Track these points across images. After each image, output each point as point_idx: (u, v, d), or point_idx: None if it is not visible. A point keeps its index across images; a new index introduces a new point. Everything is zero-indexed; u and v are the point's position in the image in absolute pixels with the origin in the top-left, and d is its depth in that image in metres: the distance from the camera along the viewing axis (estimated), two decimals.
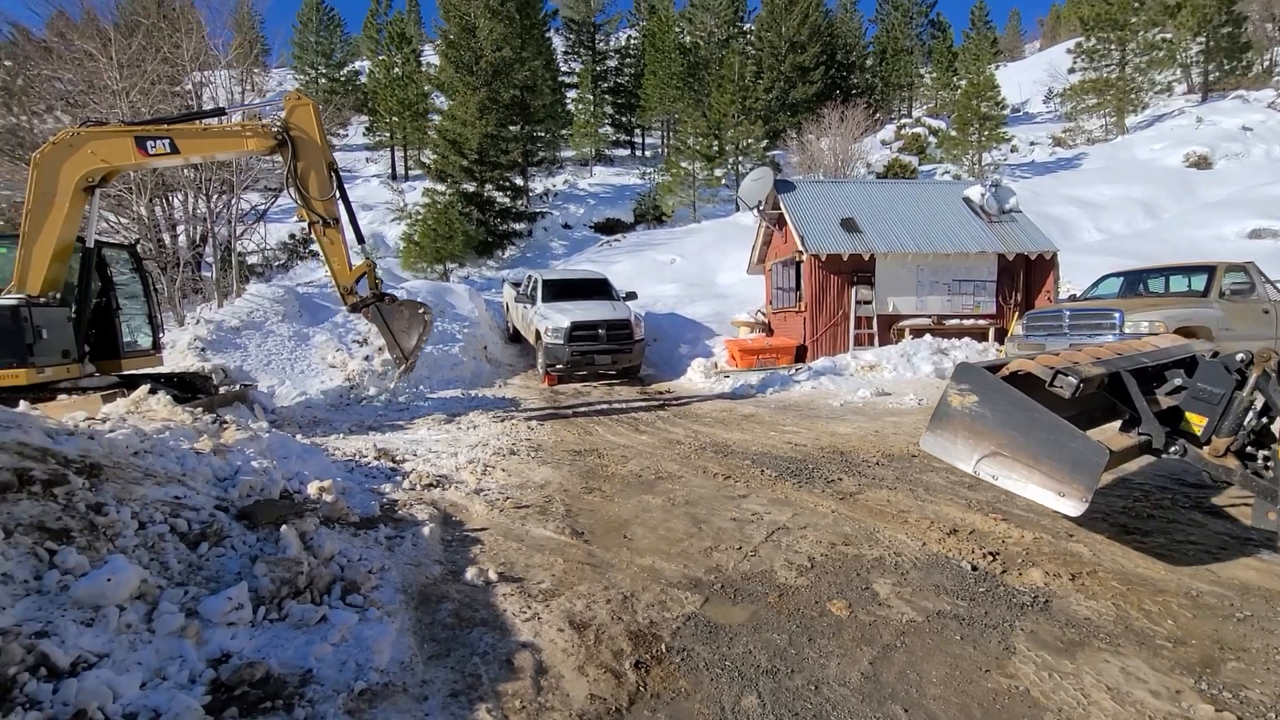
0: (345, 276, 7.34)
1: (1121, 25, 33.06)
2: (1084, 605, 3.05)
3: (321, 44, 44.43)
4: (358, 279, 7.45)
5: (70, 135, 6.87)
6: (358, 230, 7.57)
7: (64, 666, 1.96)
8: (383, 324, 7.62)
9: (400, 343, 7.69)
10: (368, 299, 7.49)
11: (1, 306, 6.29)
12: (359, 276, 7.46)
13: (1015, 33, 68.31)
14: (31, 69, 16.31)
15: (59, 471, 2.78)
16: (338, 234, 7.24)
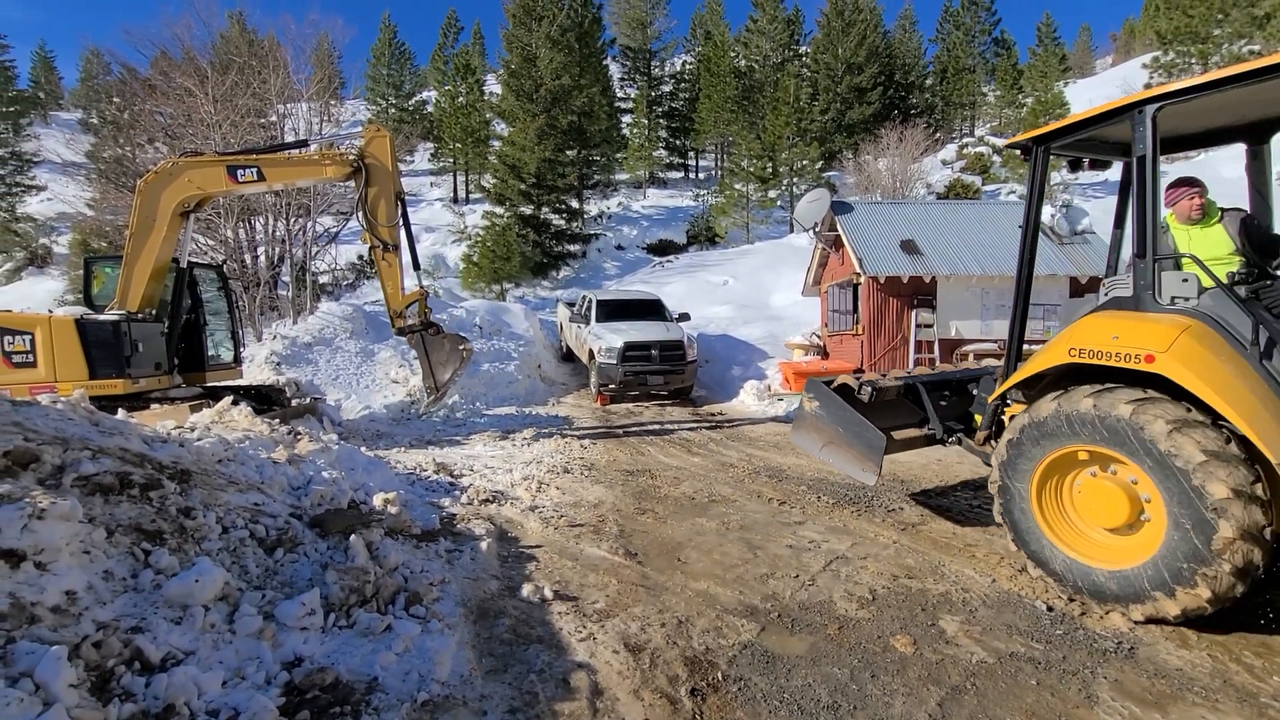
0: (397, 301, 7.67)
1: (1204, 38, 31.40)
2: (1175, 655, 2.83)
3: (392, 76, 46.95)
4: (408, 305, 7.76)
5: (170, 165, 7.47)
6: (415, 257, 7.90)
7: (155, 662, 2.09)
8: (423, 352, 7.88)
9: (435, 373, 7.92)
10: (414, 326, 7.78)
11: (104, 322, 6.85)
12: (410, 303, 7.77)
13: (1085, 49, 65.78)
14: (137, 104, 17.84)
15: (154, 476, 2.98)
16: (396, 260, 7.60)
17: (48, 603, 2.05)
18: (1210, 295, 3.16)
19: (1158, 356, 3.04)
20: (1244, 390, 2.87)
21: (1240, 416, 2.80)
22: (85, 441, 3.06)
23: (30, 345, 6.58)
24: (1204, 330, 3.07)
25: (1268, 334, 2.94)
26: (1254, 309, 3.05)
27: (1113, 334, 3.28)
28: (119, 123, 19.34)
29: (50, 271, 30.94)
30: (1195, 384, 2.92)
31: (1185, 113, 3.41)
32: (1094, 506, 3.32)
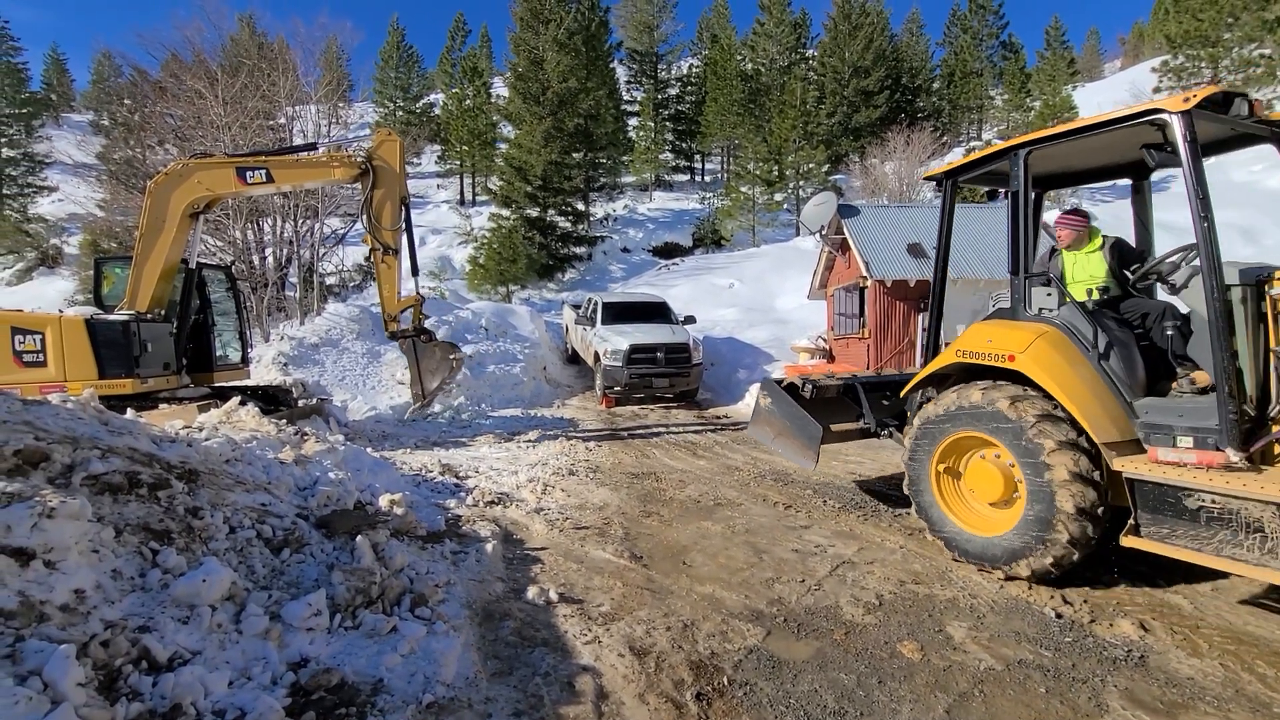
0: (392, 305, 7.71)
1: (1214, 42, 31.22)
2: (1186, 663, 2.80)
3: (400, 79, 47.20)
4: (403, 310, 7.78)
5: (180, 166, 7.53)
6: (415, 263, 7.93)
7: (163, 661, 2.10)
8: (413, 358, 7.90)
9: (424, 381, 7.94)
10: (407, 331, 7.80)
11: (114, 322, 6.90)
12: (405, 308, 7.79)
13: (1094, 52, 65.47)
14: (148, 106, 18.00)
15: (162, 476, 3.00)
16: (395, 264, 7.64)
17: (56, 601, 2.05)
18: (1067, 308, 3.78)
19: (1017, 356, 3.68)
20: (1080, 384, 3.51)
21: (1072, 403, 3.42)
22: (95, 441, 3.07)
23: (41, 345, 6.63)
24: (1058, 336, 3.70)
25: (1106, 339, 3.57)
26: (1099, 319, 3.63)
27: (988, 338, 3.93)
28: (130, 124, 19.51)
29: (61, 272, 31.23)
30: (1041, 377, 3.56)
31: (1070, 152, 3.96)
32: (979, 484, 3.90)
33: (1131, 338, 3.67)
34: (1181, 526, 3.10)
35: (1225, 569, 2.95)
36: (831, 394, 5.25)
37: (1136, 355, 3.59)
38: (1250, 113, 3.19)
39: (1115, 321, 3.72)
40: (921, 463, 4.14)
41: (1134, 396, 3.48)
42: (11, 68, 43.76)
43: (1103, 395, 3.48)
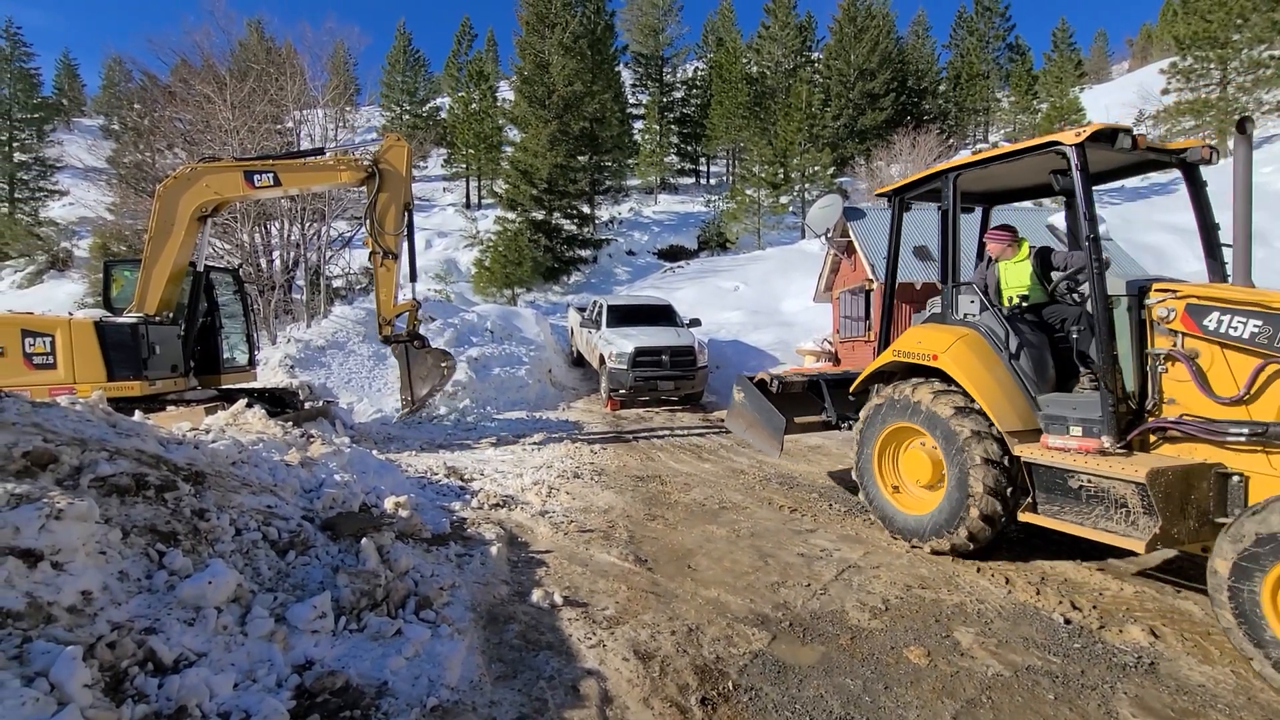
0: (388, 310, 7.72)
1: (1223, 43, 31.03)
2: (1197, 670, 2.77)
3: (407, 83, 47.45)
4: (398, 314, 7.79)
5: (189, 170, 7.58)
6: (414, 269, 7.94)
7: (168, 663, 2.10)
8: (405, 364, 7.89)
9: (414, 387, 7.92)
10: (401, 336, 7.80)
11: (122, 324, 6.94)
12: (400, 313, 7.80)
13: (1101, 54, 65.23)
14: (157, 111, 18.15)
15: (169, 478, 3.01)
16: (394, 268, 7.65)
17: (64, 602, 2.06)
18: (988, 313, 4.22)
19: (940, 356, 4.16)
20: (992, 380, 3.96)
21: (983, 397, 3.90)
22: (103, 443, 3.09)
23: (50, 347, 6.68)
24: (976, 338, 4.16)
25: (1018, 341, 4.00)
26: (1014, 324, 4.08)
27: (919, 340, 4.42)
28: (139, 129, 19.68)
29: (71, 275, 31.49)
30: (959, 374, 4.03)
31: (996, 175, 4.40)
32: (912, 469, 4.43)
33: (1045, 340, 4.08)
34: (1068, 504, 3.56)
35: (1099, 539, 3.38)
36: (797, 389, 5.79)
37: (1047, 356, 4.03)
38: (1133, 145, 3.58)
39: (1031, 326, 4.14)
40: (866, 451, 4.68)
41: (1039, 392, 3.92)
42: (24, 73, 44.23)
43: (1011, 391, 3.95)
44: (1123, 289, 3.53)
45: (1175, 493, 3.09)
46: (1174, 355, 3.33)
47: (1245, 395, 3.08)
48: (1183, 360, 3.29)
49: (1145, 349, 3.47)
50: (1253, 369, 3.05)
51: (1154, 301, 3.41)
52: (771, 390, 5.63)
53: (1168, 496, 3.06)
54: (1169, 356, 3.36)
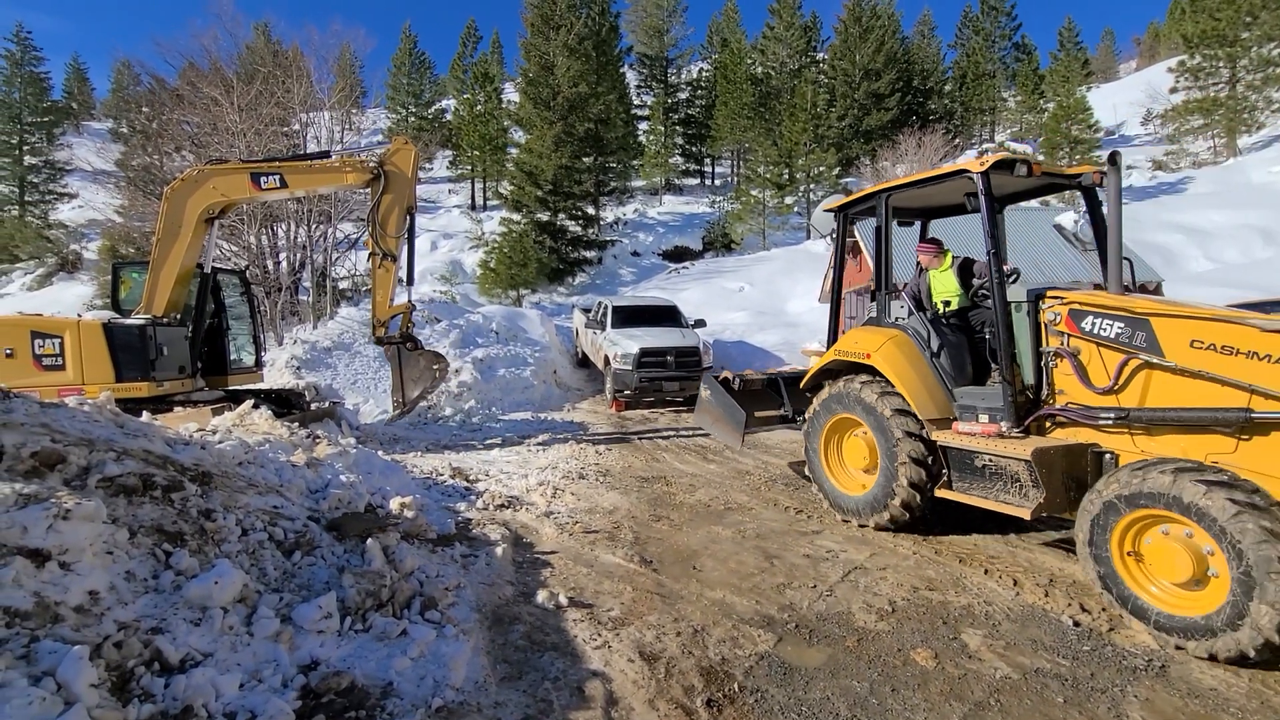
0: (383, 311, 7.71)
1: (1231, 41, 30.81)
2: (1208, 674, 2.74)
3: (412, 85, 47.62)
4: (393, 316, 7.78)
5: (196, 172, 7.62)
6: (411, 272, 7.94)
7: (175, 663, 2.11)
8: (397, 365, 7.87)
9: (405, 390, 7.90)
10: (394, 338, 7.79)
11: (130, 326, 6.98)
12: (395, 315, 7.79)
13: (1108, 53, 64.91)
14: (165, 114, 18.27)
15: (176, 479, 3.02)
16: (393, 269, 7.66)
17: (71, 602, 2.07)
18: (915, 317, 4.82)
19: (872, 354, 4.70)
20: (915, 375, 4.51)
21: (907, 390, 4.44)
22: (110, 443, 3.10)
23: (59, 349, 6.73)
24: (904, 339, 4.71)
25: (939, 341, 4.55)
26: (937, 326, 4.65)
27: (856, 340, 4.96)
28: (148, 132, 19.81)
29: (80, 277, 31.73)
30: (887, 370, 4.57)
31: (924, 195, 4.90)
32: (853, 455, 4.95)
33: (964, 341, 4.61)
34: (975, 480, 4.08)
35: (997, 509, 3.92)
36: (757, 387, 6.33)
37: (965, 354, 4.56)
38: (1029, 172, 4.09)
39: (952, 328, 4.69)
40: (814, 440, 5.19)
41: (956, 385, 4.46)
42: (34, 77, 44.62)
43: (931, 384, 4.51)
44: (1024, 296, 4.09)
45: (1056, 468, 3.60)
46: (1061, 353, 3.88)
47: (1114, 386, 3.62)
48: (1067, 357, 3.84)
49: (1040, 347, 4.01)
50: (1118, 363, 3.59)
51: (1045, 307, 3.96)
52: (734, 388, 6.13)
53: (1050, 471, 3.57)
54: (1057, 354, 3.90)
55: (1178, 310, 3.49)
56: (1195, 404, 3.31)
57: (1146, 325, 3.50)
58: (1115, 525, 3.12)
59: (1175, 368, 3.37)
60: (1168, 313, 3.48)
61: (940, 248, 5.07)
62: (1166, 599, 3.00)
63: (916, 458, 4.30)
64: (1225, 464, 3.05)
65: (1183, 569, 2.90)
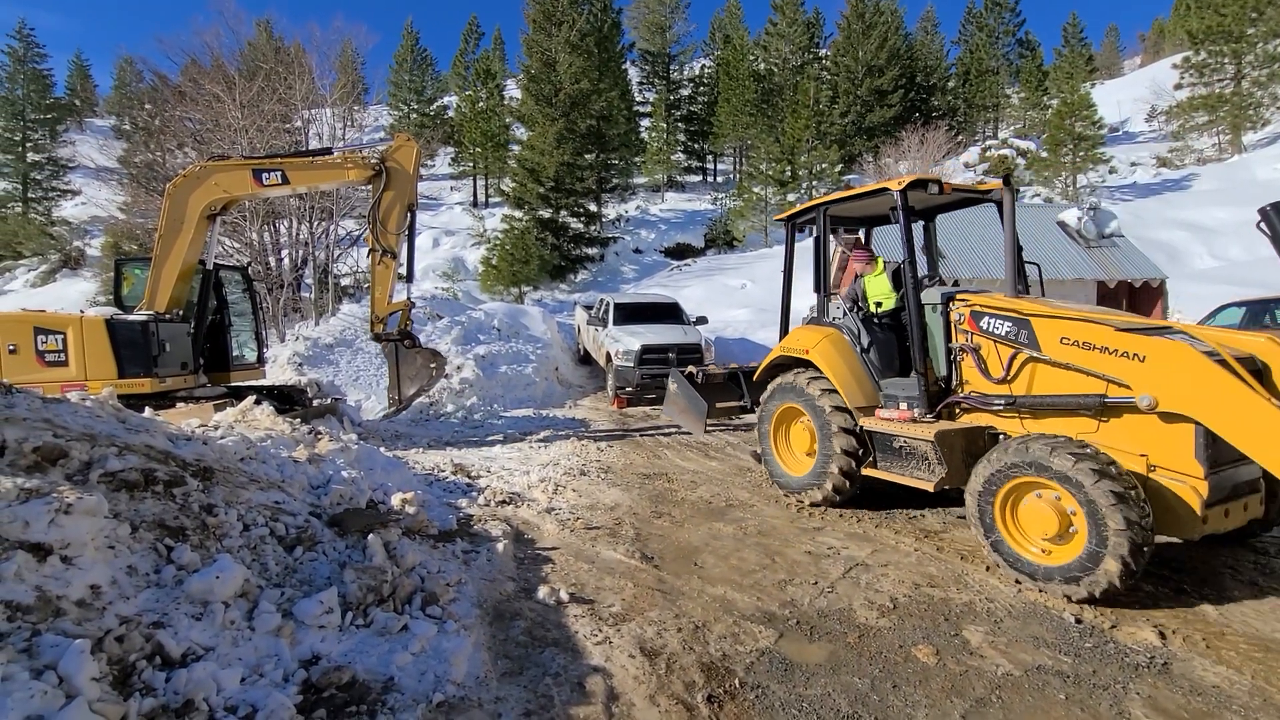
0: (381, 307, 7.70)
1: (1237, 37, 30.63)
2: (1212, 671, 2.73)
3: (414, 81, 47.56)
4: (391, 313, 7.78)
5: (198, 168, 7.62)
6: (411, 270, 7.93)
7: (176, 657, 2.11)
8: (394, 363, 7.86)
9: (401, 387, 7.89)
10: (392, 335, 7.78)
11: (133, 322, 6.99)
12: (393, 312, 7.79)
13: (1113, 49, 64.57)
14: (168, 111, 18.27)
15: (178, 474, 3.03)
16: (392, 266, 7.65)
17: (73, 596, 2.08)
18: (849, 316, 5.36)
19: (810, 350, 5.27)
20: (847, 369, 5.06)
21: (839, 382, 5.00)
22: (112, 438, 3.11)
23: (62, 345, 6.74)
24: (838, 336, 5.27)
25: (869, 338, 5.08)
26: (868, 325, 5.17)
27: (798, 338, 5.52)
28: (150, 129, 19.82)
29: (83, 273, 31.78)
30: (822, 364, 5.14)
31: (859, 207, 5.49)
32: (797, 440, 5.54)
33: (892, 338, 5.08)
34: (894, 460, 4.64)
35: (910, 484, 4.45)
36: (719, 380, 7.01)
37: (891, 350, 5.06)
38: (940, 191, 4.71)
39: (882, 326, 5.19)
40: (765, 426, 5.76)
41: (882, 377, 5.00)
42: (37, 74, 44.65)
43: (860, 376, 5.05)
44: (938, 298, 4.59)
45: (957, 447, 4.18)
46: (965, 348, 4.42)
47: (1006, 376, 4.17)
48: (970, 352, 4.39)
49: (949, 343, 4.53)
50: (1009, 357, 4.15)
51: (953, 308, 4.50)
52: (697, 381, 6.83)
53: (951, 450, 4.15)
54: (963, 349, 4.45)
55: (1053, 311, 4.03)
56: (1066, 391, 3.86)
57: (1028, 324, 4.04)
58: (999, 490, 3.67)
59: (1050, 360, 3.94)
60: (1045, 313, 4.02)
61: (872, 255, 5.61)
62: (1036, 551, 3.58)
63: (846, 442, 4.87)
64: (1089, 441, 3.59)
65: (1050, 526, 3.44)
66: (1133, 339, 3.54)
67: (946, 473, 4.14)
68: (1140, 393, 3.44)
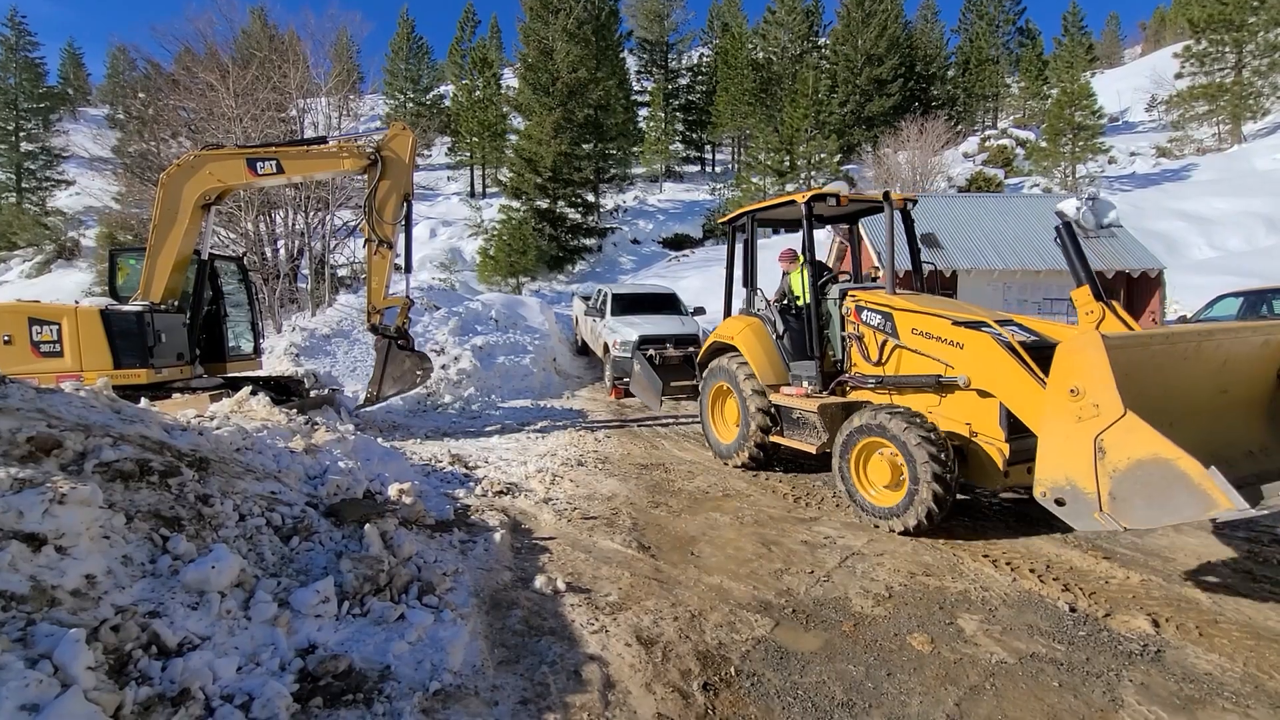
0: (378, 299, 7.63)
1: (1238, 26, 30.48)
2: (1204, 659, 2.75)
3: (410, 70, 47.20)
4: (389, 307, 7.71)
5: (192, 158, 7.56)
6: (409, 260, 7.84)
7: (172, 646, 2.11)
8: (382, 360, 7.79)
9: (382, 385, 7.82)
10: (388, 330, 7.72)
11: (128, 313, 6.96)
12: (392, 306, 7.71)
13: (1113, 38, 64.21)
14: (161, 100, 18.11)
15: (173, 464, 3.02)
16: (389, 256, 7.58)
17: (67, 586, 2.07)
18: (768, 309, 6.14)
19: (734, 337, 6.15)
20: (763, 353, 5.91)
21: (755, 364, 5.86)
22: (106, 429, 3.10)
23: (57, 335, 6.71)
24: (759, 325, 6.10)
25: (784, 327, 5.88)
26: (784, 315, 5.94)
27: (727, 327, 6.40)
28: (144, 118, 19.64)
29: (78, 264, 31.64)
30: (743, 348, 6.03)
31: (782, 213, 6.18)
32: (729, 414, 6.39)
33: (805, 327, 5.63)
34: (793, 428, 5.58)
35: (800, 448, 5.38)
36: (675, 362, 8.64)
37: (803, 337, 5.67)
38: (838, 203, 5.51)
39: (796, 318, 5.86)
40: (704, 401, 6.67)
41: (792, 360, 5.78)
42: (30, 63, 44.23)
43: (774, 359, 5.89)
44: (836, 294, 5.41)
45: (836, 418, 4.94)
46: (852, 336, 5.20)
47: (879, 360, 4.96)
48: (855, 340, 5.18)
49: (843, 332, 5.31)
50: (880, 344, 4.93)
51: (845, 303, 5.26)
52: (655, 363, 8.16)
53: (831, 420, 4.98)
54: (851, 337, 5.22)
55: (910, 306, 4.73)
56: (918, 372, 4.63)
57: (891, 317, 4.81)
58: (853, 450, 4.53)
59: (906, 347, 4.72)
60: (903, 308, 4.75)
61: (794, 255, 6.20)
62: (879, 495, 4.45)
63: (761, 414, 5.75)
64: (934, 412, 4.43)
65: (887, 476, 4.33)
66: (957, 330, 4.31)
67: (827, 439, 4.96)
68: (959, 373, 4.29)
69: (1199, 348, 3.31)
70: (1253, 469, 3.22)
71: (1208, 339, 3.35)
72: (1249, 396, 3.63)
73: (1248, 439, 3.53)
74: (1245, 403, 3.61)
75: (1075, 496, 2.93)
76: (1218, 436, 3.33)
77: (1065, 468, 2.96)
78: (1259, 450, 3.51)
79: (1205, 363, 3.36)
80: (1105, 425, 2.78)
